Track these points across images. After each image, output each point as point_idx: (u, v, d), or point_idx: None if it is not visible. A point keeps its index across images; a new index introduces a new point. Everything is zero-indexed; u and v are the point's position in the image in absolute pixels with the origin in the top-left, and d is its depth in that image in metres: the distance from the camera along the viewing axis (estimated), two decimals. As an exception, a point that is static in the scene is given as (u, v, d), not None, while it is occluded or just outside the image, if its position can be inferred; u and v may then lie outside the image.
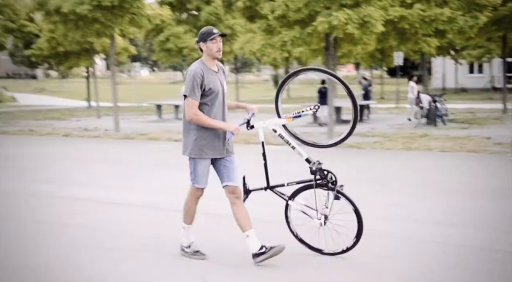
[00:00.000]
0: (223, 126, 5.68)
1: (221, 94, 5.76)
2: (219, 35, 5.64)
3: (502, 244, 6.28)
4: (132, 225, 7.49)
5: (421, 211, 7.96)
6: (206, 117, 5.62)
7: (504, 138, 15.87)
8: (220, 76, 5.79)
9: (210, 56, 5.69)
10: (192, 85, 5.56)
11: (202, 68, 5.63)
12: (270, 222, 7.29)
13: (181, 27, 31.69)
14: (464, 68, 53.89)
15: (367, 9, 15.99)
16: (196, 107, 5.60)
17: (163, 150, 15.47)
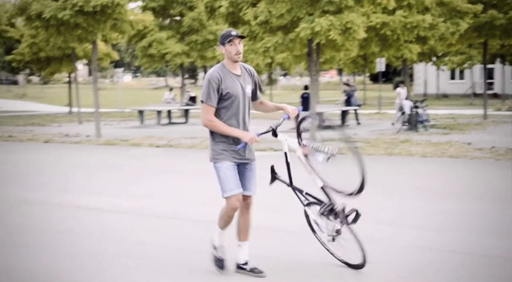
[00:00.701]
0: (239, 135, 5.36)
1: (241, 99, 5.45)
2: (237, 37, 5.33)
3: (487, 248, 6.31)
4: (116, 230, 7.45)
5: (404, 215, 7.99)
6: (221, 124, 5.36)
7: (484, 144, 16.00)
8: (242, 79, 5.47)
9: (230, 60, 5.41)
10: (208, 90, 5.33)
11: (220, 72, 5.37)
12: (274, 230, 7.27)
13: (164, 33, 31.59)
14: (445, 75, 54.32)
15: (350, 16, 16.07)
16: (210, 113, 5.36)
17: (145, 155, 15.41)
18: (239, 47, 5.34)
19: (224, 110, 5.41)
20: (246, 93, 5.50)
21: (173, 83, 75.52)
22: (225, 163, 5.41)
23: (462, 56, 42.05)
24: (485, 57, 26.41)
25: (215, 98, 5.34)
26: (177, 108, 28.51)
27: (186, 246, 6.61)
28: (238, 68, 5.48)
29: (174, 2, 31.78)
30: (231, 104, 5.40)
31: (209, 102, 5.33)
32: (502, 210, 8.28)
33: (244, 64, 5.57)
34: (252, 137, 5.33)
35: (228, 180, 5.39)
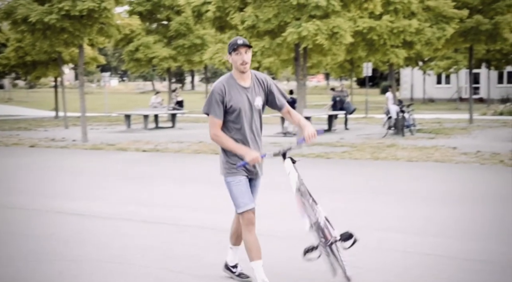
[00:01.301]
0: (242, 152, 5.05)
1: (247, 112, 5.14)
2: (243, 46, 4.98)
3: (472, 252, 6.34)
4: (100, 236, 7.41)
5: (389, 220, 8.00)
6: (227, 139, 5.08)
7: (470, 148, 16.09)
8: (251, 92, 5.15)
9: (237, 70, 5.09)
10: (211, 102, 5.06)
11: (225, 83, 5.08)
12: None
13: (151, 37, 31.57)
14: (432, 79, 54.64)
15: (336, 21, 16.12)
16: (216, 127, 5.10)
17: (131, 160, 15.36)
18: (245, 56, 5.01)
19: (231, 124, 5.14)
20: (254, 106, 5.17)
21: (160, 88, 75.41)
22: (237, 177, 5.15)
23: (448, 61, 42.32)
24: (471, 62, 26.57)
25: (219, 111, 5.06)
26: (164, 113, 28.45)
27: (171, 251, 6.59)
28: (248, 79, 5.15)
29: (161, 6, 31.78)
30: (237, 118, 5.12)
31: (214, 115, 5.07)
32: (487, 214, 8.32)
33: (257, 74, 5.25)
34: (255, 158, 5.02)
35: (243, 195, 5.13)
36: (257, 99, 5.18)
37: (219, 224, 7.87)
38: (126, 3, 26.41)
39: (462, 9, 22.40)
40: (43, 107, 47.34)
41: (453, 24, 21.60)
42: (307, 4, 15.82)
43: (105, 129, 25.86)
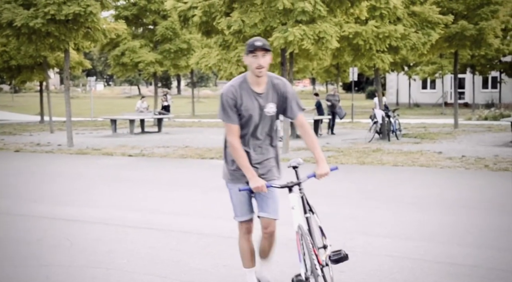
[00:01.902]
0: (249, 177, 4.73)
1: (256, 119, 4.81)
2: (260, 49, 4.60)
3: (456, 257, 6.37)
4: (86, 241, 7.38)
5: (375, 224, 8.03)
6: (241, 155, 4.74)
7: (455, 153, 16.19)
8: (264, 98, 4.79)
9: (252, 73, 4.72)
10: (224, 108, 4.73)
11: (237, 86, 4.74)
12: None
13: (137, 42, 31.52)
14: (417, 84, 54.93)
15: (322, 26, 16.17)
16: (234, 134, 4.76)
17: (117, 165, 15.31)
18: (261, 60, 4.62)
19: (241, 130, 4.86)
20: (264, 113, 4.82)
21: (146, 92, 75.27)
22: (237, 185, 4.90)
23: (434, 66, 42.58)
24: (456, 67, 26.75)
25: (234, 115, 4.74)
26: (151, 117, 28.39)
27: (158, 256, 6.57)
28: (262, 84, 4.77)
29: (147, 11, 31.75)
30: (245, 126, 4.83)
31: (229, 121, 4.75)
32: (472, 219, 8.37)
33: (274, 78, 4.86)
34: (260, 187, 4.66)
35: (241, 204, 4.97)
36: (269, 106, 4.82)
37: (206, 229, 7.86)
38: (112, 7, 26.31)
39: (447, 15, 22.54)
40: (28, 111, 47.06)
41: (438, 30, 21.73)
42: (293, 9, 15.86)
43: (91, 134, 25.75)
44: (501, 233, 7.49)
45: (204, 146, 19.29)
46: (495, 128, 25.58)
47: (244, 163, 4.73)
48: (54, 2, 18.12)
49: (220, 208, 9.30)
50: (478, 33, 23.74)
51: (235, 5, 16.85)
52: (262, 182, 4.70)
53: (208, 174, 13.51)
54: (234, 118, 4.75)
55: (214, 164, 14.93)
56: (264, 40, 4.67)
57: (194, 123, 32.90)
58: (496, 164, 13.90)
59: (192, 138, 22.48)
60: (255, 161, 4.88)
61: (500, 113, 31.03)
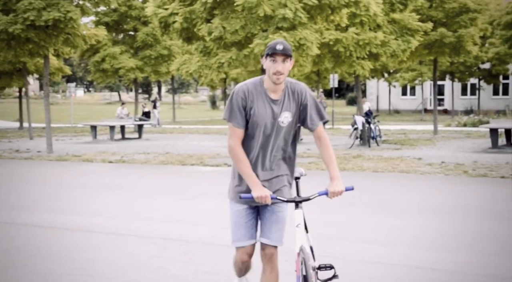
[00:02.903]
0: (252, 185, 4.20)
1: (268, 129, 4.26)
2: (281, 54, 4.11)
3: (435, 262, 6.41)
4: (66, 248, 7.32)
5: (356, 230, 8.06)
6: (243, 160, 4.24)
7: (434, 159, 16.30)
8: (278, 105, 4.25)
9: (269, 78, 4.21)
10: (231, 107, 4.23)
11: (251, 88, 4.24)
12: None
13: (117, 48, 31.44)
14: (397, 91, 55.29)
15: (303, 32, 16.24)
16: (236, 137, 4.24)
17: (97, 171, 15.23)
18: (280, 66, 4.12)
19: (246, 142, 4.31)
20: (277, 122, 4.26)
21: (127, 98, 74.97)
22: (237, 205, 4.41)
23: (413, 72, 42.90)
24: (435, 74, 26.97)
25: (241, 118, 4.22)
26: (131, 123, 28.29)
27: (138, 264, 6.54)
28: (279, 91, 4.26)
29: (128, 17, 31.70)
30: (254, 134, 4.28)
31: (234, 123, 4.23)
32: (451, 225, 8.43)
33: (293, 84, 4.33)
34: (264, 197, 4.14)
35: (237, 228, 4.42)
36: (284, 115, 4.27)
37: (186, 235, 7.84)
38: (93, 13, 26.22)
39: (426, 22, 22.74)
40: (7, 118, 46.63)
41: (418, 37, 21.91)
42: (274, 16, 15.92)
43: (71, 141, 25.59)
44: (480, 238, 7.55)
45: (185, 152, 19.25)
46: (474, 134, 25.81)
47: (246, 169, 4.23)
48: (34, 8, 18.01)
49: (201, 215, 9.28)
50: (457, 41, 24.00)
51: (216, 11, 16.88)
52: (267, 191, 4.17)
53: (188, 180, 13.48)
54: (240, 121, 4.23)
55: (195, 170, 14.90)
56: (286, 43, 4.15)
57: (175, 130, 32.81)
58: (475, 170, 14.02)
59: (173, 144, 22.42)
60: (262, 178, 4.30)
61: (479, 120, 31.31)
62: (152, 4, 18.19)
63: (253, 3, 15.65)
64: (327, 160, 4.39)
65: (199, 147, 21.57)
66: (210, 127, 34.25)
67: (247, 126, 4.26)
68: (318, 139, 4.40)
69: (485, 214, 9.12)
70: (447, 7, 23.79)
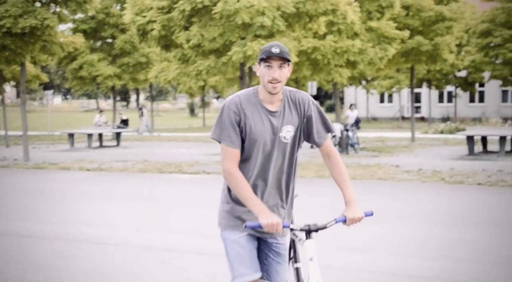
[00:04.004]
0: (257, 212, 3.49)
1: (267, 146, 3.62)
2: (277, 57, 3.49)
3: (414, 269, 6.45)
4: (42, 257, 7.25)
5: (333, 237, 8.08)
6: (243, 185, 3.54)
7: (412, 166, 16.41)
8: (278, 118, 3.62)
9: (264, 88, 3.59)
10: (223, 125, 3.57)
11: (244, 99, 3.60)
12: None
13: (95, 55, 31.29)
14: (375, 98, 55.67)
15: (281, 40, 16.30)
16: (232, 159, 3.56)
17: (74, 179, 15.12)
18: (277, 72, 3.50)
19: (242, 164, 3.65)
20: (278, 138, 3.63)
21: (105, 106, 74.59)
22: (234, 233, 3.67)
23: (391, 80, 43.20)
24: (412, 81, 27.19)
25: (235, 136, 3.56)
26: (109, 131, 28.14)
27: (116, 272, 6.50)
28: (277, 101, 3.64)
29: (106, 24, 31.57)
30: (252, 152, 3.62)
31: (228, 142, 3.56)
32: (429, 231, 8.49)
33: (293, 93, 3.71)
34: (274, 224, 3.44)
35: (240, 259, 3.64)
36: (286, 129, 3.64)
37: (164, 243, 7.82)
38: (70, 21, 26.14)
39: (403, 30, 22.96)
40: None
41: (395, 45, 22.11)
42: (252, 24, 15.97)
43: (48, 148, 25.39)
44: (457, 244, 7.61)
45: (163, 160, 19.18)
46: (451, 142, 26.04)
47: (248, 194, 3.52)
48: (10, 15, 17.88)
49: (180, 222, 9.26)
50: (434, 49, 24.25)
51: (194, 19, 16.89)
52: (277, 218, 3.46)
53: (167, 188, 13.44)
54: (235, 140, 3.56)
55: (174, 178, 14.86)
56: (283, 46, 3.54)
57: (153, 137, 32.70)
58: (452, 177, 14.14)
59: (151, 152, 22.34)
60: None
61: (455, 127, 31.61)
62: (130, 11, 18.14)
63: (231, 11, 15.69)
64: (339, 179, 3.83)
65: (177, 154, 21.52)
66: (188, 135, 34.18)
67: (245, 149, 3.61)
68: (327, 156, 3.80)
69: (461, 221, 9.21)
70: (423, 15, 24.03)
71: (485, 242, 7.80)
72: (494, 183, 13.14)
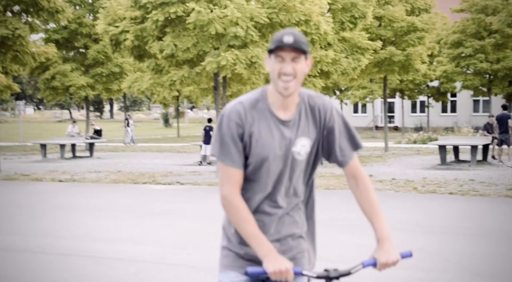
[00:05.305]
0: (262, 254, 2.74)
1: (278, 165, 2.84)
2: (290, 48, 2.69)
3: (386, 279, 6.47)
4: (13, 271, 7.15)
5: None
6: (244, 213, 2.79)
7: (385, 176, 16.52)
8: (291, 128, 2.84)
9: (275, 88, 2.79)
10: (221, 138, 2.82)
11: (248, 106, 2.82)
12: None
13: (68, 65, 31.08)
14: (349, 108, 55.99)
15: (255, 50, 16.34)
16: (233, 181, 2.81)
17: (46, 191, 14.95)
18: (289, 67, 2.71)
19: (244, 183, 2.88)
20: (291, 154, 2.85)
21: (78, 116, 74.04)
22: (231, 273, 2.91)
23: (364, 90, 43.50)
24: (385, 91, 27.41)
25: (237, 153, 2.80)
26: (82, 142, 27.91)
27: (87, 284, 6.43)
28: (291, 106, 2.85)
29: (79, 34, 31.38)
30: (255, 172, 2.85)
31: (226, 160, 2.81)
32: (401, 241, 8.53)
33: (311, 97, 2.92)
34: (283, 271, 2.70)
35: None
36: (300, 142, 2.86)
37: (137, 255, 7.75)
38: (42, 30, 25.93)
39: (375, 41, 23.15)
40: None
41: (368, 55, 22.28)
42: (226, 34, 15.98)
43: (20, 159, 25.11)
44: (429, 253, 7.66)
45: (137, 171, 19.07)
46: (424, 151, 26.27)
47: (251, 230, 2.77)
48: (-19, 25, 17.72)
49: (152, 234, 9.20)
50: (406, 59, 24.47)
51: (168, 29, 16.85)
52: (286, 262, 2.73)
53: (140, 199, 13.35)
54: (237, 158, 2.81)
55: (147, 188, 14.77)
56: (298, 34, 2.73)
57: (127, 148, 32.51)
58: (424, 187, 14.25)
59: (125, 163, 22.20)
60: (271, 237, 2.88)
61: (428, 137, 31.89)
62: (102, 21, 18.05)
63: (205, 21, 15.69)
64: (369, 210, 3.08)
65: (151, 165, 21.41)
66: (163, 145, 34.03)
67: (249, 168, 2.85)
68: (353, 179, 3.06)
69: (433, 230, 9.27)
70: (395, 26, 24.26)
71: (456, 250, 7.86)
72: (466, 192, 13.28)
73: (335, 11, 20.77)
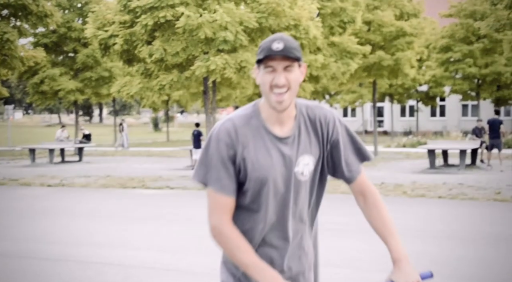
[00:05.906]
0: (259, 279, 2.42)
1: (280, 188, 2.53)
2: (280, 56, 2.39)
3: (372, 283, 6.49)
4: (1, 275, 7.12)
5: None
6: (237, 241, 2.47)
7: (375, 180, 16.54)
8: (291, 146, 2.53)
9: (268, 102, 2.48)
10: (208, 161, 2.50)
11: (240, 124, 2.50)
12: None
13: (57, 69, 30.96)
14: (338, 112, 55.94)
15: (244, 55, 16.36)
16: (223, 210, 2.49)
17: (35, 195, 14.88)
18: (281, 78, 2.41)
19: (243, 212, 2.57)
20: (294, 175, 2.55)
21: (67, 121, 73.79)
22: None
23: (354, 94, 43.60)
24: (375, 96, 27.49)
25: (228, 178, 2.48)
26: (71, 146, 27.80)
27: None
28: (288, 122, 2.55)
29: (67, 38, 31.28)
30: (258, 198, 2.53)
31: (215, 185, 2.49)
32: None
33: (311, 109, 2.61)
34: None
35: None
36: (303, 161, 2.56)
37: (126, 260, 7.72)
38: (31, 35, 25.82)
39: (365, 46, 23.23)
40: None
41: (357, 60, 22.35)
42: (215, 39, 15.99)
43: (8, 164, 24.98)
44: (419, 257, 7.67)
45: (126, 175, 19.02)
46: (413, 155, 26.35)
47: (248, 258, 2.45)
48: (-31, 29, 17.66)
49: (141, 238, 9.17)
50: (395, 63, 24.56)
51: (157, 33, 16.85)
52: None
53: (129, 203, 13.31)
54: (227, 183, 2.48)
55: (136, 193, 14.73)
56: (289, 39, 2.44)
57: (116, 152, 32.42)
58: (413, 190, 14.29)
59: (114, 167, 22.14)
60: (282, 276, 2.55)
61: (417, 141, 31.99)
62: (91, 26, 18.02)
63: (194, 26, 15.69)
64: (381, 228, 2.88)
65: (141, 169, 21.36)
66: (152, 150, 33.95)
67: (246, 195, 2.53)
68: (361, 196, 2.87)
69: (422, 234, 9.30)
70: (384, 31, 24.35)
71: (446, 254, 7.88)
72: (455, 196, 13.32)
73: (324, 16, 20.82)
